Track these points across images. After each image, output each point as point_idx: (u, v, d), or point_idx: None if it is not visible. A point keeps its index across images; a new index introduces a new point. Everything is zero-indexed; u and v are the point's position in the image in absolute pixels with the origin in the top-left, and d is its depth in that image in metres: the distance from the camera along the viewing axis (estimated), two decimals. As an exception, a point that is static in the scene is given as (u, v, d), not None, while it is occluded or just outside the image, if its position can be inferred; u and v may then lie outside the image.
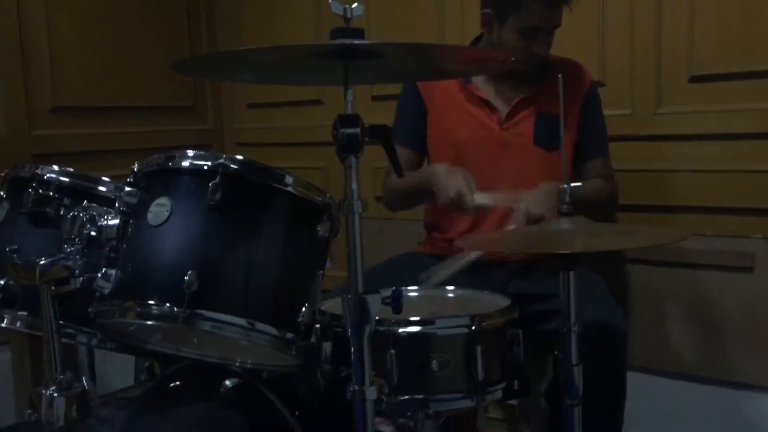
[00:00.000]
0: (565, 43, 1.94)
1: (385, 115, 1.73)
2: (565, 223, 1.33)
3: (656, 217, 2.06)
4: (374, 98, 2.49)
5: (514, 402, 1.88)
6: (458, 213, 1.68)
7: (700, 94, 1.98)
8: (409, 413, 1.33)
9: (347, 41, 1.02)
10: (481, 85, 1.85)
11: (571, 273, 1.32)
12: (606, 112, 1.91)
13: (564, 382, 1.33)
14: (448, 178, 1.61)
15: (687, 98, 2.00)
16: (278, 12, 2.80)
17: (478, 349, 1.30)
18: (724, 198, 1.96)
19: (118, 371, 1.89)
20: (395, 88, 1.99)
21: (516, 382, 1.38)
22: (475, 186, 1.60)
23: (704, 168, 1.98)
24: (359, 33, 1.04)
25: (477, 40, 1.90)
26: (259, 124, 2.93)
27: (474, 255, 1.58)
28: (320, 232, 1.31)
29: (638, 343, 1.64)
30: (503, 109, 1.82)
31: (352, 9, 1.06)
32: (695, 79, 1.98)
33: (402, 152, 1.86)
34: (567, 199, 1.34)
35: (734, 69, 1.91)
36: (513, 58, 1.19)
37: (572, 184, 1.35)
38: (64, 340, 1.28)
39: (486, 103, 1.83)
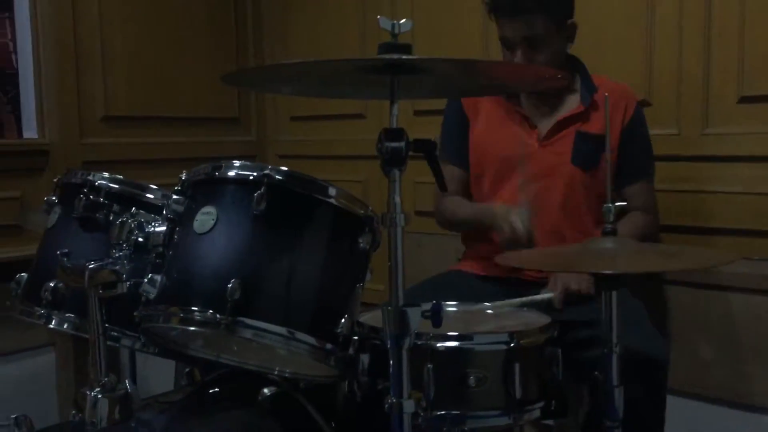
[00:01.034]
0: (611, 61, 1.92)
1: (427, 130, 1.73)
2: (609, 243, 1.32)
3: (701, 239, 2.02)
4: (416, 113, 2.50)
5: (550, 422, 1.86)
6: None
7: (749, 115, 1.94)
8: (444, 428, 1.32)
9: (397, 56, 1.03)
10: (523, 101, 1.85)
11: (614, 293, 1.30)
12: (652, 132, 1.89)
13: (604, 404, 1.31)
14: (508, 216, 1.62)
15: (735, 119, 1.96)
16: (323, 26, 2.84)
17: (516, 366, 1.30)
18: (773, 221, 1.91)
19: (158, 375, 1.93)
20: (438, 103, 1.99)
21: (553, 402, 1.36)
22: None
23: (752, 190, 1.94)
24: (407, 48, 1.05)
25: None
26: (302, 137, 2.97)
27: (548, 295, 1.62)
28: (361, 245, 1.31)
29: (677, 367, 1.60)
30: (543, 127, 1.82)
31: (400, 24, 1.07)
32: (744, 100, 1.94)
33: (451, 170, 1.87)
34: (612, 218, 1.32)
35: (785, 90, 1.88)
36: (560, 75, 1.19)
37: (617, 203, 1.33)
38: (109, 342, 1.31)
39: (526, 119, 1.83)
